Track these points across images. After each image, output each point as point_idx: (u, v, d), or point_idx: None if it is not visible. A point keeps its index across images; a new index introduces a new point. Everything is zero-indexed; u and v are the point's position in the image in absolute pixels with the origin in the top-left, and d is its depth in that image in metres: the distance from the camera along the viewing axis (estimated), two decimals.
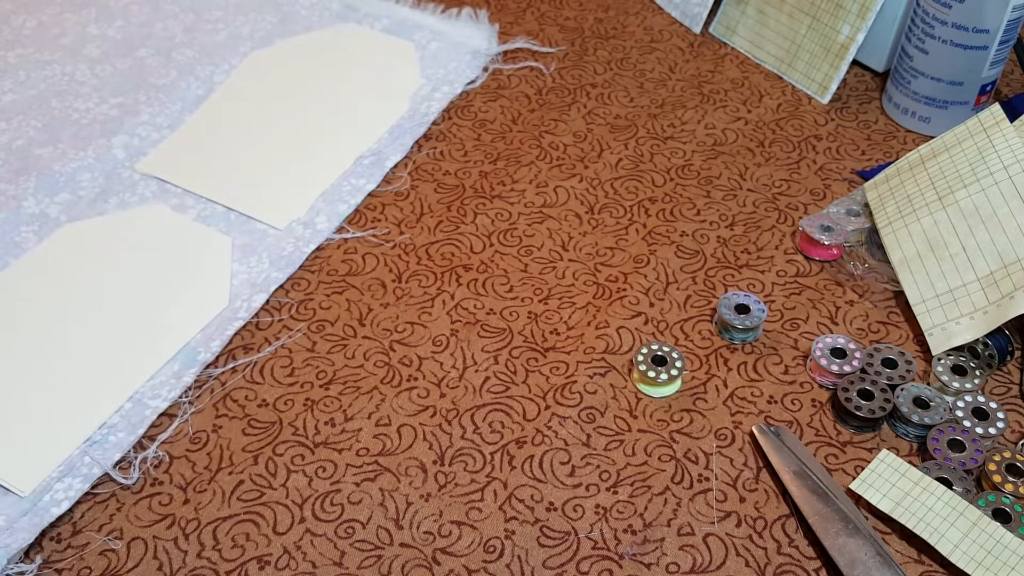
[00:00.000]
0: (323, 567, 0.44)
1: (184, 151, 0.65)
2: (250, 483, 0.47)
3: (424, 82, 0.70)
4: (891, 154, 0.65)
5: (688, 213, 0.61)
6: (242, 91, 0.70)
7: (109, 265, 0.57)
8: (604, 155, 0.65)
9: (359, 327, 0.54)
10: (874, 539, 0.43)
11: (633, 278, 0.57)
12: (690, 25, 0.77)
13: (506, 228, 0.60)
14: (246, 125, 0.67)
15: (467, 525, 0.45)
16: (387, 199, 0.62)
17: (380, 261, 0.58)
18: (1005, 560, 0.41)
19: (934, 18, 0.61)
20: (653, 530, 0.45)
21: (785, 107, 0.69)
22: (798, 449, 0.47)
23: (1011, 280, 0.49)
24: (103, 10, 0.77)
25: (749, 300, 0.53)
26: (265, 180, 0.63)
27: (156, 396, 0.50)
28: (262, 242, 0.59)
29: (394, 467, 0.48)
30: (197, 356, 0.52)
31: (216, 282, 0.56)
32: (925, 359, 0.52)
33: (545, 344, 0.53)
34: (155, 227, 0.60)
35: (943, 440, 0.47)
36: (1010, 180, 0.52)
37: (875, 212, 0.57)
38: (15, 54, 0.72)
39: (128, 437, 0.49)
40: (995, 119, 0.55)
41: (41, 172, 0.62)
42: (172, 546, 0.45)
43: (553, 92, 0.71)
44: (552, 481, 0.47)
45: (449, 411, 0.50)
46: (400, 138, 0.66)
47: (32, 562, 0.44)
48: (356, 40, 0.74)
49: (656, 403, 0.50)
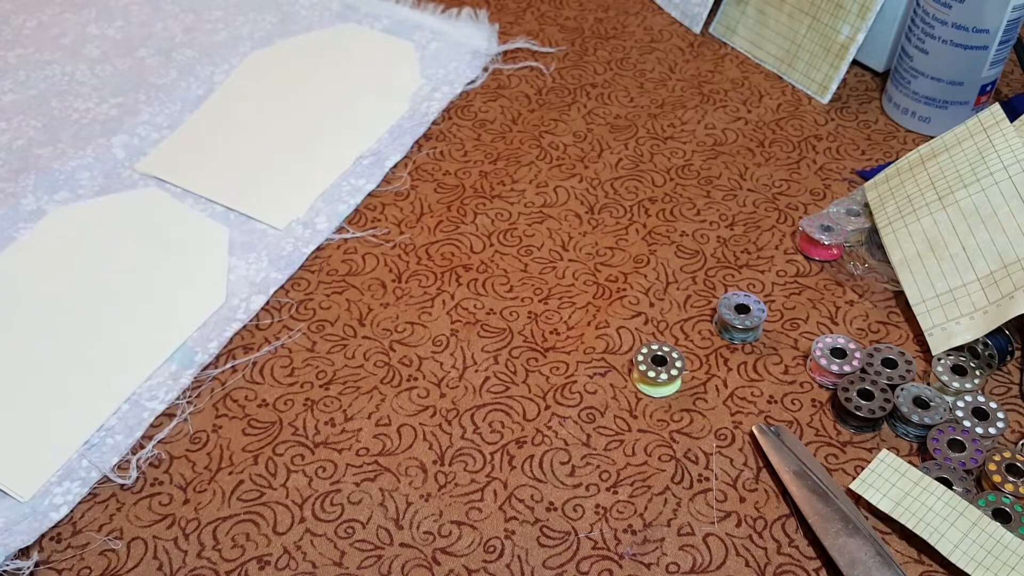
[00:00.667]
0: (323, 567, 0.44)
1: (184, 151, 0.65)
2: (250, 483, 0.47)
3: (424, 82, 0.70)
4: (891, 154, 0.65)
5: (688, 213, 0.61)
6: (242, 91, 0.70)
7: (101, 258, 0.57)
8: (604, 155, 0.65)
9: (359, 327, 0.54)
10: (874, 539, 0.43)
11: (633, 278, 0.57)
12: (690, 25, 0.77)
13: (506, 228, 0.60)
14: (246, 125, 0.67)
15: (467, 525, 0.45)
16: (387, 199, 0.62)
17: (380, 261, 0.58)
18: (1005, 560, 0.41)
19: (934, 18, 0.61)
20: (653, 530, 0.45)
21: (785, 107, 0.69)
22: (798, 449, 0.47)
23: (1011, 280, 0.49)
24: (103, 10, 0.77)
25: (749, 300, 0.53)
26: (265, 180, 0.63)
27: (153, 398, 0.50)
28: (261, 240, 0.59)
29: (394, 467, 0.48)
30: (194, 357, 0.52)
31: (213, 276, 0.56)
32: (925, 359, 0.52)
33: (545, 344, 0.53)
34: (149, 214, 0.59)
35: (943, 440, 0.47)
36: (1010, 180, 0.52)
37: (875, 212, 0.57)
38: (15, 54, 0.72)
39: (126, 440, 0.48)
40: (995, 119, 0.55)
41: (40, 171, 0.62)
42: (172, 546, 0.45)
43: (553, 92, 0.71)
44: (552, 481, 0.47)
45: (449, 411, 0.50)
46: (400, 138, 0.66)
47: (28, 559, 0.44)
48: (356, 40, 0.74)
49: (656, 403, 0.50)
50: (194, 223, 0.59)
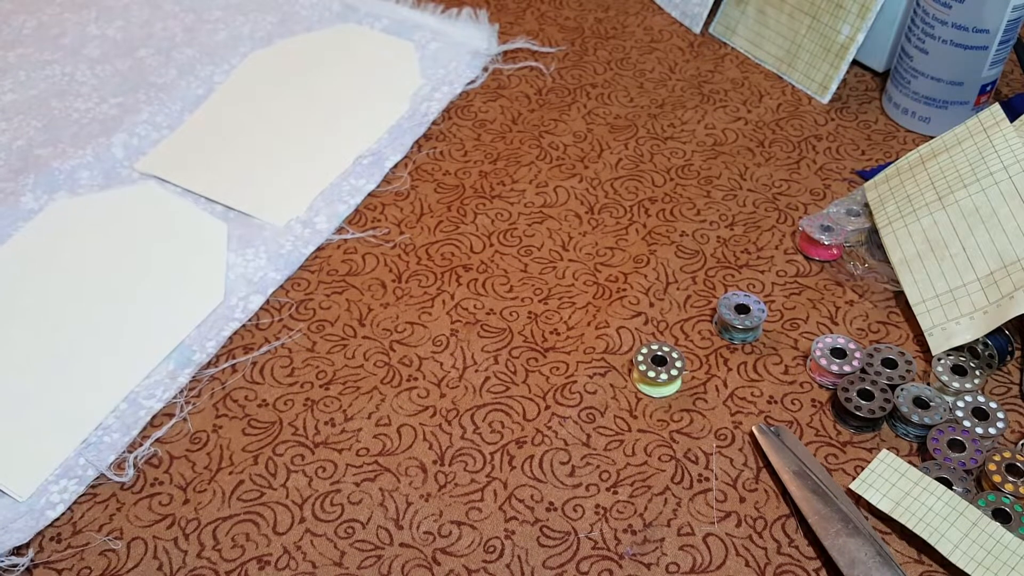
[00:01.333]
0: (323, 567, 0.44)
1: (183, 150, 0.65)
2: (250, 483, 0.47)
3: (424, 82, 0.70)
4: (891, 154, 0.65)
5: (688, 213, 0.61)
6: (242, 91, 0.70)
7: (99, 255, 0.57)
8: (604, 155, 0.65)
9: (359, 327, 0.54)
10: (874, 539, 0.43)
11: (633, 278, 0.57)
12: (690, 25, 0.77)
13: (506, 228, 0.60)
14: (246, 125, 0.67)
15: (467, 525, 0.45)
16: (387, 199, 0.62)
17: (380, 261, 0.58)
18: (1005, 560, 0.41)
19: (934, 18, 0.61)
20: (653, 530, 0.45)
21: (785, 107, 0.69)
22: (798, 449, 0.47)
23: (1011, 280, 0.49)
24: (103, 10, 0.77)
25: (749, 300, 0.53)
26: (264, 180, 0.63)
27: (151, 396, 0.50)
28: (259, 235, 0.58)
29: (394, 467, 0.48)
30: (192, 356, 0.52)
31: (211, 274, 0.56)
32: (925, 359, 0.52)
33: (545, 344, 0.53)
34: (148, 210, 0.59)
35: (943, 440, 0.47)
36: (1010, 180, 0.52)
37: (875, 212, 0.57)
38: (15, 54, 0.72)
39: (123, 438, 0.49)
40: (995, 119, 0.55)
41: (40, 170, 0.62)
42: (172, 546, 0.45)
43: (553, 92, 0.71)
44: (552, 481, 0.47)
45: (449, 411, 0.50)
46: (400, 138, 0.66)
47: (24, 555, 0.44)
48: (356, 40, 0.74)
49: (656, 403, 0.50)
50: (193, 220, 0.59)
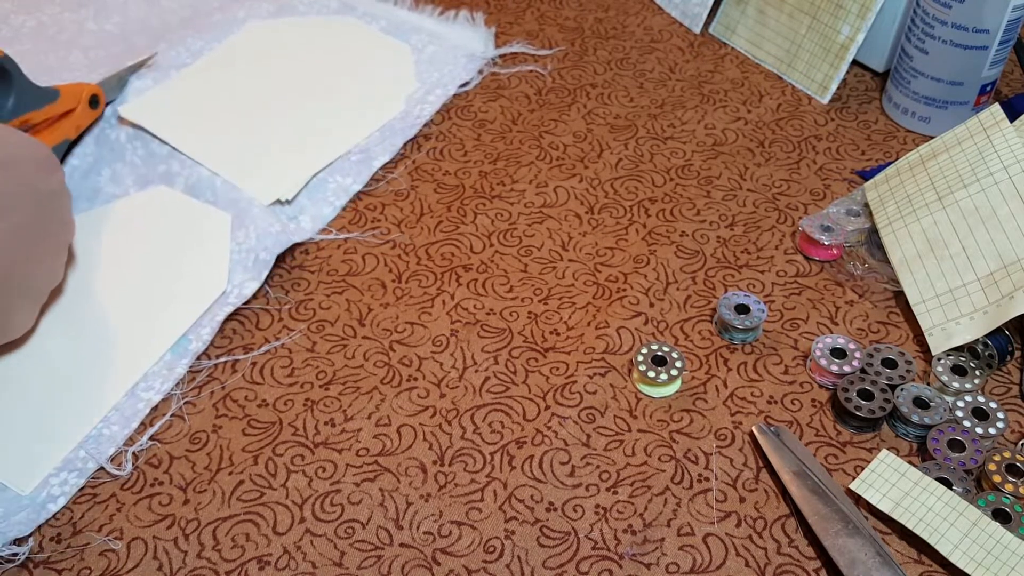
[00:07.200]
0: (323, 567, 0.44)
1: (170, 104, 0.64)
2: (250, 483, 0.47)
3: (419, 85, 0.70)
4: (891, 154, 0.65)
5: (688, 213, 0.61)
6: (236, 57, 0.68)
7: (106, 249, 0.57)
8: (604, 155, 0.65)
9: (359, 327, 0.54)
10: (874, 539, 0.43)
11: (633, 278, 0.57)
12: (690, 25, 0.77)
13: (506, 228, 0.60)
14: (237, 92, 0.66)
15: (467, 525, 0.45)
16: (387, 199, 0.62)
17: (380, 261, 0.58)
18: (1005, 560, 0.41)
19: (934, 18, 0.61)
20: (653, 530, 0.45)
21: (785, 107, 0.69)
22: (798, 449, 0.47)
23: (1011, 280, 0.49)
24: (101, 9, 0.77)
25: (749, 300, 0.53)
26: (251, 153, 0.62)
27: (149, 388, 0.50)
28: (248, 212, 0.58)
29: (394, 467, 0.47)
30: (188, 345, 0.52)
31: (214, 264, 0.55)
32: (925, 359, 0.52)
33: (545, 344, 0.53)
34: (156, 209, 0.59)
35: (943, 440, 0.47)
36: (1010, 180, 0.52)
37: (875, 212, 0.57)
38: (14, 52, 0.72)
39: (122, 431, 0.49)
40: (995, 119, 0.55)
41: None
42: (172, 546, 0.45)
43: (553, 92, 0.71)
44: (552, 481, 0.47)
45: (449, 411, 0.50)
46: (390, 138, 0.65)
47: (24, 544, 0.44)
48: (355, 34, 0.74)
49: (656, 403, 0.50)
50: (198, 213, 0.58)
